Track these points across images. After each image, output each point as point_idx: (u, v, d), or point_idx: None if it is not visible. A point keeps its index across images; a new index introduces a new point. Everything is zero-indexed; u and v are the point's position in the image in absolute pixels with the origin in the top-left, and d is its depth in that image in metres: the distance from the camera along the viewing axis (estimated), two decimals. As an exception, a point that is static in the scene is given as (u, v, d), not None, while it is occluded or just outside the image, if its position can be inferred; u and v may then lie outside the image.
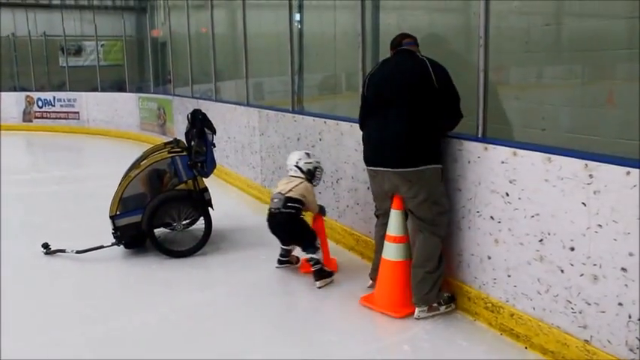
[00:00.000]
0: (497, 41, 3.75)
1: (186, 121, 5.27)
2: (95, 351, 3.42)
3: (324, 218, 4.61)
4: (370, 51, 4.97)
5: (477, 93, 3.53)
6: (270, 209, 4.37)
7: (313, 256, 4.25)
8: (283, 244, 4.53)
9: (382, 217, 3.92)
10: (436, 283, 3.57)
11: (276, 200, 4.31)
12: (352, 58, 6.32)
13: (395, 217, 3.72)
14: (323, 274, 4.23)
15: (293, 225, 4.33)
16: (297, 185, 4.34)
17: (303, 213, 4.39)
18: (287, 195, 4.28)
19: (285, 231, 4.39)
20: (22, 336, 3.61)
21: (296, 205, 4.28)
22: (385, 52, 5.29)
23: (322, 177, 4.59)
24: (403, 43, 3.80)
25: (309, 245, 4.28)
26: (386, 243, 3.76)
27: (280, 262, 4.61)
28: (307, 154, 4.52)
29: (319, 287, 4.16)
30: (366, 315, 3.72)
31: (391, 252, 3.73)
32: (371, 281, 4.04)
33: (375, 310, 3.71)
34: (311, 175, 4.45)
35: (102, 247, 4.98)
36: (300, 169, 4.42)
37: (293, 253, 4.62)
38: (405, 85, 3.56)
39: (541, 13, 4.07)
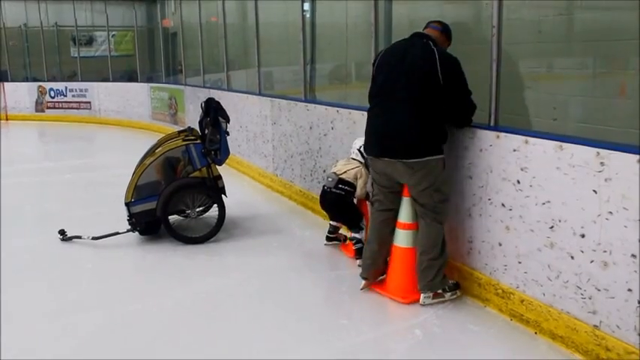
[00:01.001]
0: (509, 32, 3.77)
1: (199, 110, 5.33)
2: (113, 333, 3.50)
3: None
4: (383, 41, 5.00)
5: (489, 82, 3.57)
6: (323, 186, 4.58)
7: (356, 235, 4.45)
8: (331, 220, 4.72)
9: (379, 204, 3.84)
10: (440, 269, 3.62)
11: (330, 179, 4.52)
12: (363, 47, 6.36)
13: (406, 204, 3.75)
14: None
15: (341, 205, 4.51)
16: (352, 168, 4.47)
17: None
18: (340, 176, 4.45)
19: (332, 210, 4.61)
20: (41, 319, 3.70)
21: (346, 187, 4.44)
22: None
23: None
24: (426, 26, 3.78)
25: (354, 225, 4.47)
26: (397, 230, 3.80)
27: (328, 238, 4.81)
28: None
29: (359, 265, 4.23)
30: (378, 300, 3.78)
31: (402, 239, 3.78)
32: (364, 281, 3.92)
33: (386, 296, 3.77)
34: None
35: (117, 233, 5.06)
36: (361, 153, 4.48)
37: (340, 231, 4.77)
38: (410, 73, 3.50)
39: (553, 6, 4.10)
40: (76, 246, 5.07)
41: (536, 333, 3.26)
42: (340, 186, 4.43)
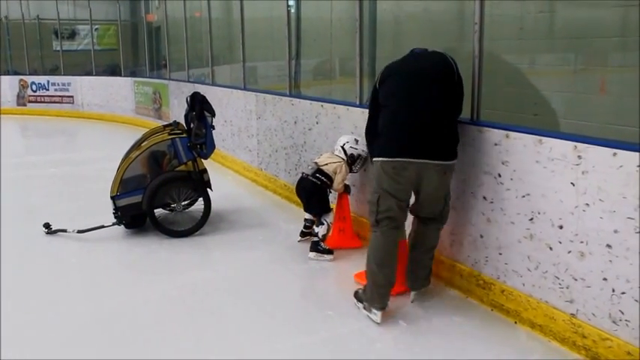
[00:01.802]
0: (491, 28, 3.84)
1: (184, 105, 5.36)
2: (100, 325, 3.53)
3: (349, 197, 4.74)
4: (367, 37, 5.06)
5: (471, 78, 3.63)
6: (302, 172, 4.66)
7: (318, 229, 4.47)
8: (305, 209, 4.73)
9: (391, 222, 3.42)
10: (431, 267, 3.70)
11: (309, 167, 4.62)
12: (347, 43, 6.41)
13: None
14: (319, 248, 4.45)
15: (313, 194, 4.55)
16: (333, 162, 4.53)
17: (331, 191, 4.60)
18: (320, 167, 4.52)
19: (305, 197, 4.63)
20: (28, 312, 3.72)
21: (323, 178, 4.50)
22: (382, 38, 5.43)
23: (362, 168, 4.66)
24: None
25: (320, 218, 4.51)
26: None
27: (302, 234, 4.83)
28: (356, 141, 4.59)
29: (309, 258, 4.42)
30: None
31: None
32: (381, 312, 3.45)
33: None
34: (352, 160, 4.57)
35: (103, 226, 5.08)
36: (344, 151, 4.56)
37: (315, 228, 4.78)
38: (435, 75, 3.45)
39: (535, 2, 4.18)
40: (61, 239, 5.08)
41: (515, 322, 3.35)
42: (317, 175, 4.50)
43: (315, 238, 4.48)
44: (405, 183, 3.36)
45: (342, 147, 4.58)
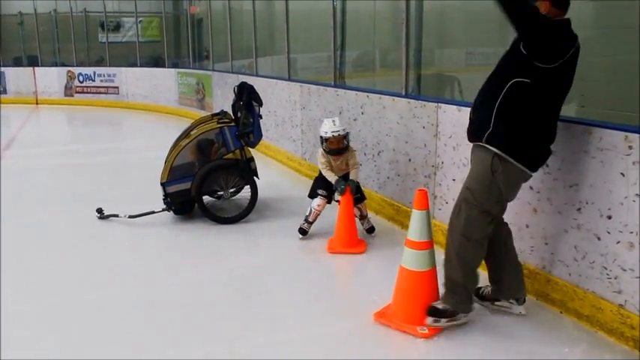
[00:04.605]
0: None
1: (227, 96, 5.49)
2: (153, 306, 3.68)
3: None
4: (413, 28, 5.09)
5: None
6: None
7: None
8: None
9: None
10: None
11: None
12: (389, 35, 6.45)
13: (422, 218, 3.26)
14: (300, 227, 4.78)
15: (314, 180, 4.85)
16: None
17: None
18: None
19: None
20: (82, 293, 3.89)
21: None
22: (427, 29, 5.45)
23: (325, 146, 4.61)
24: None
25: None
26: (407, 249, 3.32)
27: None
28: (322, 123, 4.69)
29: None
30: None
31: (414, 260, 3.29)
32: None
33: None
34: (321, 142, 4.67)
35: (153, 212, 5.25)
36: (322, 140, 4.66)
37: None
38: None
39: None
40: (113, 224, 5.28)
41: (561, 312, 3.36)
42: None
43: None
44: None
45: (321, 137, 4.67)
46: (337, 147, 4.58)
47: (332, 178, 4.59)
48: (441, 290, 3.31)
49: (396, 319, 3.31)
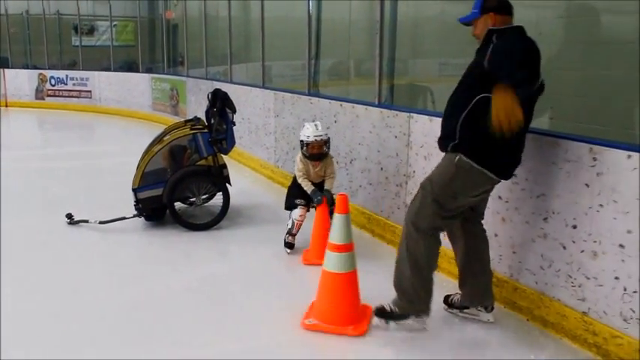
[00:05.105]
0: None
1: (201, 102, 5.49)
2: (122, 313, 3.64)
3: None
4: (387, 38, 5.15)
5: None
6: None
7: (288, 222, 4.65)
8: None
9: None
10: None
11: None
12: (363, 45, 6.50)
13: (343, 221, 3.40)
14: (285, 241, 4.65)
15: (288, 189, 4.80)
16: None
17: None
18: None
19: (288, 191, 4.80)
20: (49, 300, 3.83)
21: (295, 172, 4.62)
22: (401, 39, 5.52)
23: (306, 150, 4.49)
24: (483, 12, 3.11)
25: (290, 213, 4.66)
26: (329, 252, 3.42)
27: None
28: (303, 126, 4.59)
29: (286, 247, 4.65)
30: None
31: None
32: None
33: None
34: (301, 148, 4.55)
35: (124, 218, 5.20)
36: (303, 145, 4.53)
37: None
38: None
39: (553, 6, 4.25)
40: (83, 230, 5.21)
41: (528, 320, 3.43)
42: (294, 173, 4.65)
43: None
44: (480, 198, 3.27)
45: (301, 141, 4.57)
46: (318, 152, 4.48)
47: (308, 187, 4.49)
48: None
49: (322, 320, 3.38)
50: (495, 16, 3.03)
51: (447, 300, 3.57)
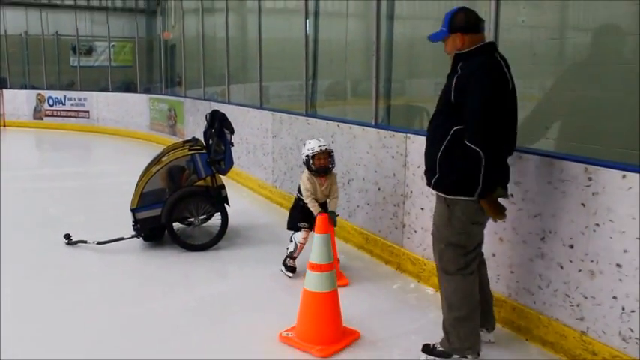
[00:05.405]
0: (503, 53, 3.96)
1: (199, 122, 5.52)
2: (120, 333, 3.64)
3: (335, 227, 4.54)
4: (383, 59, 5.20)
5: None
6: None
7: (289, 245, 4.59)
8: None
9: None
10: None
11: None
12: (360, 65, 6.55)
13: (323, 241, 3.44)
14: (285, 263, 4.60)
15: (292, 210, 4.68)
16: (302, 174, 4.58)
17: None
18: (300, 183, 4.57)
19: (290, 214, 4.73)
20: (46, 319, 3.84)
21: (298, 193, 4.56)
22: (397, 60, 5.57)
23: (312, 164, 4.40)
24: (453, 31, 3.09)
25: (291, 235, 4.60)
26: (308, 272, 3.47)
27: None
28: (305, 144, 4.52)
29: (280, 270, 4.61)
30: (394, 308, 3.94)
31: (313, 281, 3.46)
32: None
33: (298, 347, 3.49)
34: (306, 165, 4.45)
35: (122, 238, 5.21)
36: (307, 162, 4.45)
37: None
38: None
39: (546, 27, 4.30)
40: (81, 250, 5.22)
41: (527, 340, 3.43)
42: (298, 192, 4.59)
43: (285, 257, 4.61)
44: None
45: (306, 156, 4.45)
46: (325, 165, 4.40)
47: (315, 209, 4.38)
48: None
49: (297, 335, 3.47)
50: (463, 37, 3.02)
51: None
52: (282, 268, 4.59)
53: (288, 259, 4.58)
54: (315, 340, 3.40)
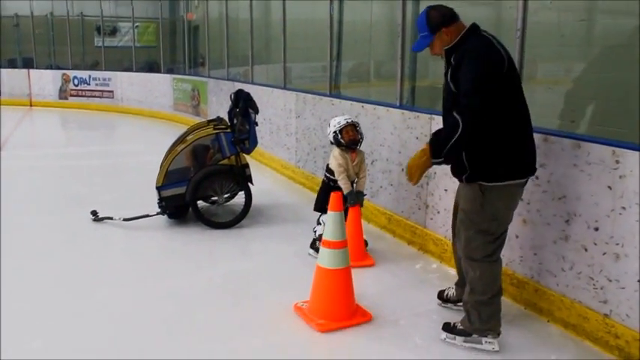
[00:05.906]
0: (530, 35, 3.91)
1: (222, 102, 5.56)
2: (147, 308, 3.72)
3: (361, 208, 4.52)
4: (409, 41, 5.17)
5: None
6: None
7: (317, 228, 4.56)
8: None
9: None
10: None
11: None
12: (384, 46, 6.53)
13: (336, 219, 3.47)
14: (314, 246, 4.52)
15: (320, 191, 4.63)
16: (332, 152, 4.54)
17: None
18: (328, 163, 4.55)
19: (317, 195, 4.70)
20: (77, 295, 3.92)
21: (327, 174, 4.55)
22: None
23: (343, 136, 4.40)
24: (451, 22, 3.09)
25: (319, 217, 4.56)
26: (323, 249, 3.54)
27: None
28: (330, 123, 4.51)
29: (309, 254, 4.56)
30: (404, 288, 3.97)
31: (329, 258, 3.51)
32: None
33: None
34: (336, 142, 4.44)
35: (147, 215, 5.30)
36: (336, 138, 4.44)
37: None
38: None
39: (574, 10, 4.25)
40: (108, 226, 5.32)
41: (548, 321, 3.44)
42: (326, 173, 4.57)
43: (313, 239, 4.59)
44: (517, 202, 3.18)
45: (335, 132, 4.44)
46: (354, 137, 4.41)
47: (347, 187, 4.37)
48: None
49: (310, 312, 3.51)
50: (448, 30, 3.02)
51: (441, 295, 3.67)
52: (311, 251, 4.58)
53: (316, 241, 4.54)
54: (321, 314, 3.46)
